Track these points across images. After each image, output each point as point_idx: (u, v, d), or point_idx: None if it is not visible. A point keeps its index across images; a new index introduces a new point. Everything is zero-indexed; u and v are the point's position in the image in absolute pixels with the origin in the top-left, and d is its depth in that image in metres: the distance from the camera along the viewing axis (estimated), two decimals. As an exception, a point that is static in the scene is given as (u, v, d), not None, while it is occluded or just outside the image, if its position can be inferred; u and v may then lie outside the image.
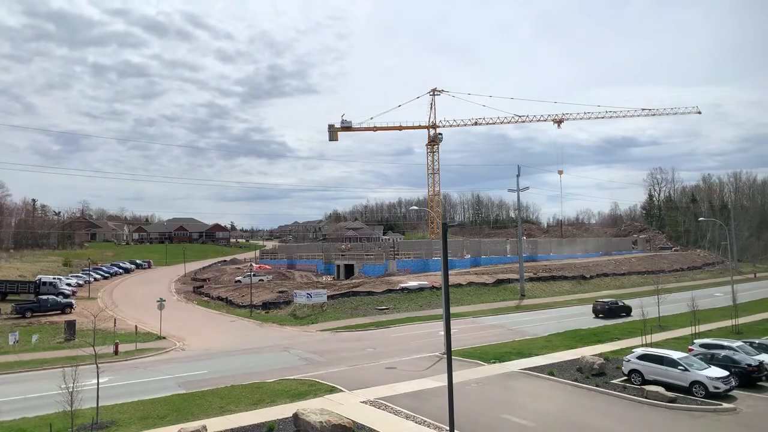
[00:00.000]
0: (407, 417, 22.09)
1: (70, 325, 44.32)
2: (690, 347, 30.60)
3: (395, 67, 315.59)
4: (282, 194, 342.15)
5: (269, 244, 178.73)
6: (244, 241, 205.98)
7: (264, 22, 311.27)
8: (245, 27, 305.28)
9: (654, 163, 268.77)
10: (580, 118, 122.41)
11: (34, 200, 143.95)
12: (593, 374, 28.11)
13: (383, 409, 23.22)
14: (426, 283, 64.52)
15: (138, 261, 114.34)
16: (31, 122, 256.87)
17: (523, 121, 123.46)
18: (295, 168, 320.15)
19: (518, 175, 68.78)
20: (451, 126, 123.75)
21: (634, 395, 24.76)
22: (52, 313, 53.08)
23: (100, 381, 22.24)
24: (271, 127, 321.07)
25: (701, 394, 24.21)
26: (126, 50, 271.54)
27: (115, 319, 50.53)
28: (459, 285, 65.51)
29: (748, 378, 26.03)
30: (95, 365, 22.26)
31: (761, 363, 26.98)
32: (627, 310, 52.36)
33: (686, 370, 25.16)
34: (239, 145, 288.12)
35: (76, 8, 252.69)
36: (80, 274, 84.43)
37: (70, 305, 55.56)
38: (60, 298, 57.12)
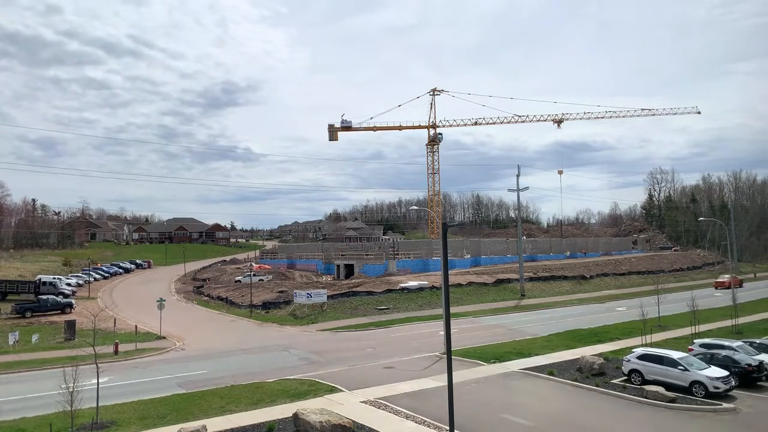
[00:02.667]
0: (407, 417, 22.10)
1: (70, 325, 44.32)
2: (690, 347, 30.59)
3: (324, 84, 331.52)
4: (267, 196, 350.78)
5: (269, 244, 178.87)
6: (244, 241, 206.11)
7: (206, 47, 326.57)
8: (190, 48, 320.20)
9: (615, 167, 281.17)
10: (580, 118, 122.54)
11: (34, 200, 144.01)
12: (593, 374, 28.10)
13: (383, 409, 23.21)
14: (426, 283, 64.50)
15: (138, 261, 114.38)
16: (8, 130, 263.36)
17: (523, 121, 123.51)
18: (270, 171, 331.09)
19: (518, 175, 68.87)
20: (451, 126, 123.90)
21: (634, 395, 24.75)
22: (52, 313, 53.07)
23: (100, 381, 22.23)
24: (235, 134, 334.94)
25: (701, 394, 24.20)
26: (86, 67, 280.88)
27: (115, 319, 50.58)
28: (459, 285, 65.50)
29: (748, 378, 26.01)
30: (95, 365, 22.25)
31: (761, 363, 26.97)
32: None
33: (686, 370, 25.15)
34: (208, 149, 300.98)
35: (30, 30, 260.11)
36: (80, 274, 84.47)
37: (70, 305, 55.56)
38: (60, 298, 57.13)
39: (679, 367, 25.34)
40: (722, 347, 28.61)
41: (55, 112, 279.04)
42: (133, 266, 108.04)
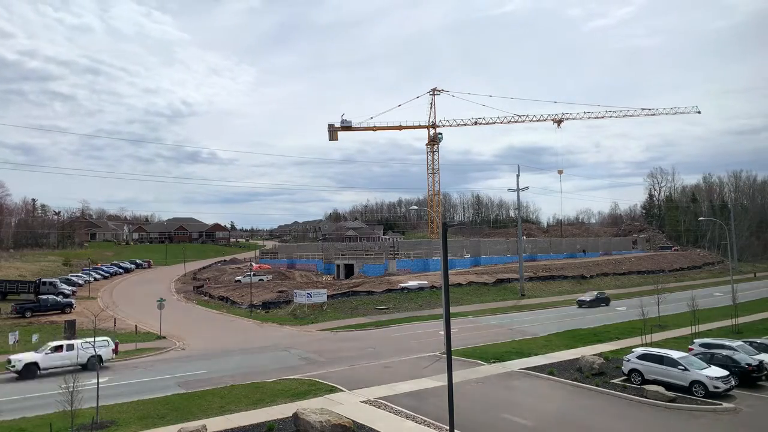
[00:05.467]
0: (407, 417, 22.09)
1: (71, 325, 44.28)
2: (690, 347, 30.58)
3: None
4: (252, 198, 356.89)
5: (269, 244, 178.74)
6: (243, 240, 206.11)
7: (158, 67, 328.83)
8: (145, 69, 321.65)
9: (583, 171, 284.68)
10: (580, 118, 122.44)
11: (34, 200, 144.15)
12: (593, 374, 28.10)
13: (383, 409, 23.21)
14: (426, 282, 64.50)
15: (138, 261, 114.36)
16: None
17: (523, 121, 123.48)
18: (246, 174, 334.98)
19: (518, 175, 68.94)
20: (451, 126, 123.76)
21: (634, 395, 24.76)
22: (52, 312, 53.09)
23: (100, 381, 22.24)
24: (201, 139, 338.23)
25: (701, 394, 24.20)
26: (49, 83, 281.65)
27: (115, 319, 50.59)
28: (459, 285, 65.50)
29: (748, 378, 26.02)
30: (95, 365, 22.25)
31: (761, 363, 26.97)
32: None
33: (686, 369, 25.14)
34: (179, 153, 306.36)
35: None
36: (80, 274, 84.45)
37: (70, 305, 55.58)
38: (60, 298, 57.13)
39: (679, 367, 25.33)
40: (722, 347, 28.61)
41: (29, 121, 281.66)
42: (133, 266, 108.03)
